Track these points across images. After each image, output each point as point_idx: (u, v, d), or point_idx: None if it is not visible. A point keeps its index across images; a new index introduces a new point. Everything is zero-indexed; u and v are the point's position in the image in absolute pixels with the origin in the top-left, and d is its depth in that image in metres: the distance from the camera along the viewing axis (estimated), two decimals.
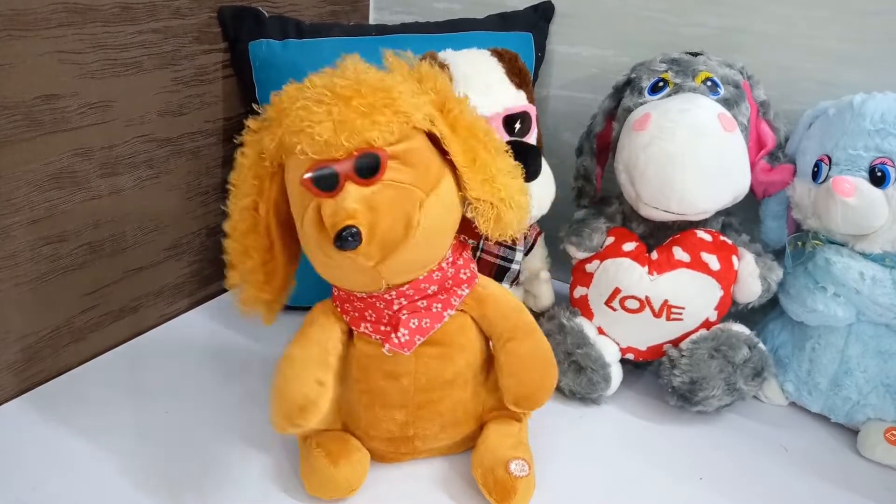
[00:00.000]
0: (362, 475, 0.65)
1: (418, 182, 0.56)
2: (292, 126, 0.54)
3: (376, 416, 0.66)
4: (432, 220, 0.56)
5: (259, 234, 0.60)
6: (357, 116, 0.53)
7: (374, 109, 0.53)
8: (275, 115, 0.57)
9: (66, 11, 0.72)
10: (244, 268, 0.61)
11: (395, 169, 0.55)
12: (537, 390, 0.66)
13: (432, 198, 0.56)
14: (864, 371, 0.75)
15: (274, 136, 0.56)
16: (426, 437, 0.67)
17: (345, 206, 0.52)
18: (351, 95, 0.54)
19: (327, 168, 0.53)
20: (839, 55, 0.84)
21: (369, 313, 0.62)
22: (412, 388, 0.64)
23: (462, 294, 0.64)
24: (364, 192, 0.53)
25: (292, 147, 0.54)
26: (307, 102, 0.54)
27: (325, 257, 0.56)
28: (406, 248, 0.55)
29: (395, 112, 0.54)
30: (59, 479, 0.65)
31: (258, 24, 0.90)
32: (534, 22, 0.98)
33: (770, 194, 0.81)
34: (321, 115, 0.53)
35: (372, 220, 0.53)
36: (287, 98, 0.57)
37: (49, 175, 0.74)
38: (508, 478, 0.63)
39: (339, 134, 0.52)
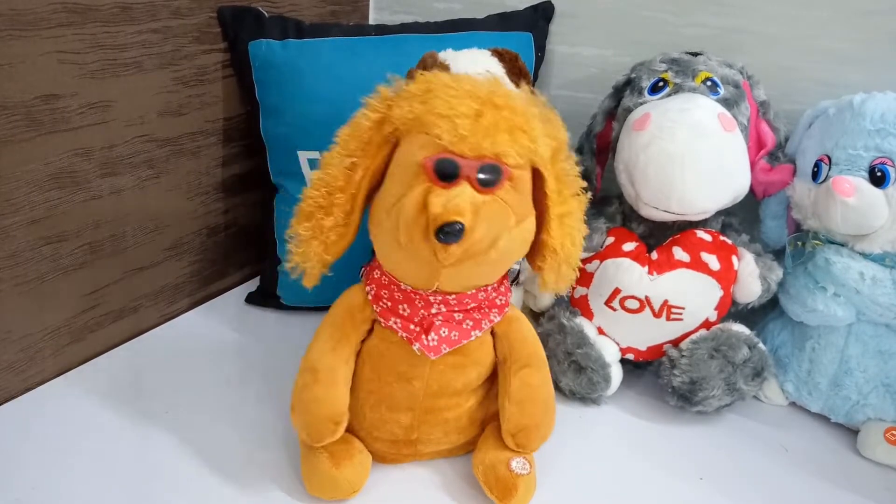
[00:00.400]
0: (364, 476, 0.65)
1: (517, 209, 0.58)
2: (439, 108, 0.55)
3: (382, 417, 0.66)
4: (511, 247, 0.58)
5: (346, 195, 0.60)
6: (504, 129, 0.55)
7: (516, 129, 0.55)
8: (419, 91, 0.57)
9: (66, 11, 0.72)
10: (322, 224, 0.60)
11: (507, 189, 0.56)
12: (537, 425, 0.66)
13: (520, 227, 0.58)
14: (864, 371, 0.75)
15: (412, 110, 0.57)
16: (429, 442, 0.68)
17: (458, 202, 0.53)
18: (503, 107, 0.55)
19: (455, 161, 0.54)
20: (839, 55, 0.84)
21: (403, 307, 0.62)
22: (422, 393, 0.65)
23: (493, 320, 0.65)
24: (476, 198, 0.54)
25: (429, 127, 0.55)
26: (460, 93, 0.55)
27: (403, 240, 0.56)
28: (480, 261, 0.57)
29: (531, 139, 0.56)
30: (59, 479, 0.65)
31: (258, 24, 0.90)
32: (534, 22, 0.98)
33: (770, 194, 0.81)
34: (470, 112, 0.54)
35: (471, 226, 0.54)
36: (437, 81, 0.57)
37: (49, 175, 0.74)
38: (510, 475, 0.63)
39: (483, 136, 0.54)
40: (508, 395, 0.65)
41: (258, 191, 0.99)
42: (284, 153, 0.90)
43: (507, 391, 0.66)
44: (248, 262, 1.04)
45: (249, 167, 0.98)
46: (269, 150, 0.92)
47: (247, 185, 0.99)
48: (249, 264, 1.04)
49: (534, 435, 0.66)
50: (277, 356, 0.85)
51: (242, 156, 0.97)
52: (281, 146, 0.91)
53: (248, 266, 1.04)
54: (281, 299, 0.94)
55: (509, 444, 0.66)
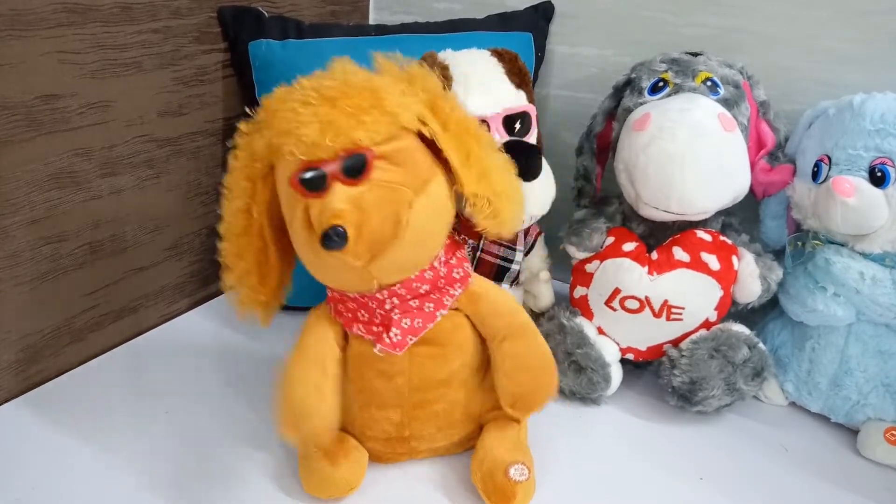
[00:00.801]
0: (360, 475, 0.65)
1: (407, 182, 0.56)
2: (280, 128, 0.54)
3: (372, 416, 0.66)
4: (422, 220, 0.57)
5: (252, 236, 0.60)
6: (343, 117, 0.53)
7: (359, 110, 0.54)
8: (264, 117, 0.57)
9: (66, 11, 0.72)
10: (239, 270, 0.61)
11: (383, 169, 0.55)
12: (533, 391, 0.65)
13: (422, 197, 0.56)
14: (864, 371, 0.75)
15: (264, 138, 0.56)
16: (423, 438, 0.67)
17: (331, 206, 0.52)
18: (337, 96, 0.54)
19: (315, 169, 0.53)
20: (839, 55, 0.84)
21: (362, 313, 0.62)
22: (406, 388, 0.64)
23: (455, 294, 0.63)
24: (351, 193, 0.53)
25: (281, 149, 0.54)
26: (294, 104, 0.54)
27: (315, 258, 0.57)
28: (396, 247, 0.55)
29: (382, 112, 0.55)
30: (59, 479, 0.65)
31: (258, 25, 0.90)
32: (534, 22, 0.98)
33: (770, 194, 0.81)
34: (308, 117, 0.53)
35: (360, 220, 0.53)
36: (276, 100, 0.57)
37: (49, 175, 0.74)
38: (508, 483, 0.63)
39: (325, 135, 0.53)
40: (497, 370, 0.65)
41: None
42: None
43: (495, 367, 0.66)
44: None
45: None
46: None
47: None
48: None
49: (532, 400, 0.66)
50: (277, 356, 0.85)
51: None
52: None
53: None
54: None
55: (511, 414, 0.66)
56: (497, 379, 0.65)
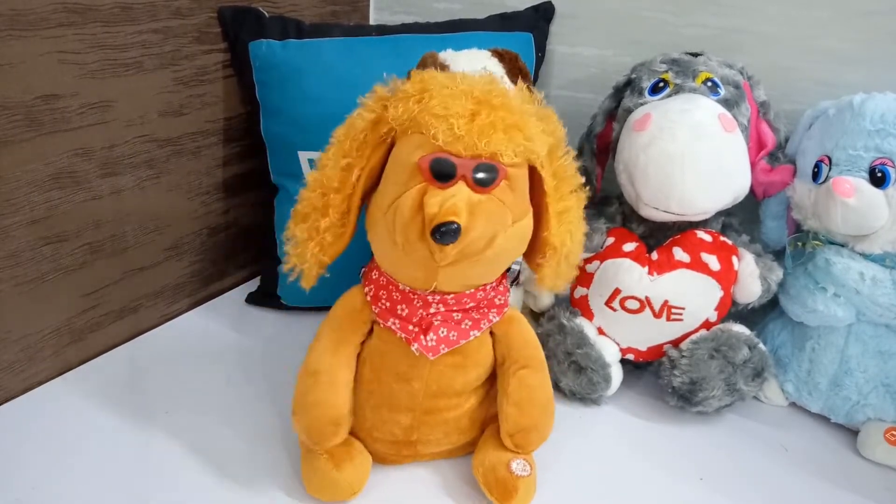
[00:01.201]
0: (364, 478, 0.65)
1: (514, 208, 0.57)
2: (435, 109, 0.55)
3: (382, 417, 0.66)
4: (508, 246, 0.58)
5: (343, 197, 0.59)
6: (500, 128, 0.55)
7: (512, 127, 0.55)
8: (415, 91, 0.57)
9: (66, 11, 0.72)
10: (318, 224, 0.60)
11: (503, 189, 0.56)
12: (535, 426, 0.66)
13: (516, 226, 0.58)
14: (864, 371, 0.75)
15: (407, 109, 0.56)
16: (429, 443, 0.68)
17: (454, 202, 0.53)
18: (499, 106, 0.55)
19: (451, 161, 0.54)
20: (839, 55, 0.84)
21: (402, 308, 0.62)
22: (422, 394, 0.64)
23: (492, 320, 0.64)
24: (472, 197, 0.54)
25: (425, 127, 0.55)
26: (455, 93, 0.55)
27: (400, 240, 0.56)
28: (477, 261, 0.57)
29: (527, 138, 0.56)
30: (59, 479, 0.65)
31: (258, 25, 0.90)
32: (534, 22, 0.98)
33: (770, 195, 0.81)
34: (466, 112, 0.54)
35: (467, 226, 0.53)
36: (433, 81, 0.57)
37: (49, 175, 0.74)
38: (510, 477, 0.63)
39: (478, 136, 0.54)
40: (507, 396, 0.65)
41: (258, 191, 0.99)
42: (285, 153, 0.90)
43: (505, 392, 0.66)
44: (248, 263, 1.04)
45: (249, 167, 0.98)
46: (270, 150, 0.92)
47: (247, 185, 0.99)
48: (249, 264, 1.04)
49: (532, 436, 0.66)
50: (277, 356, 0.85)
51: (242, 156, 0.97)
52: (281, 146, 0.91)
53: (248, 266, 1.04)
54: (281, 299, 0.93)
55: (508, 444, 0.66)
56: (505, 405, 0.65)
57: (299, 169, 0.89)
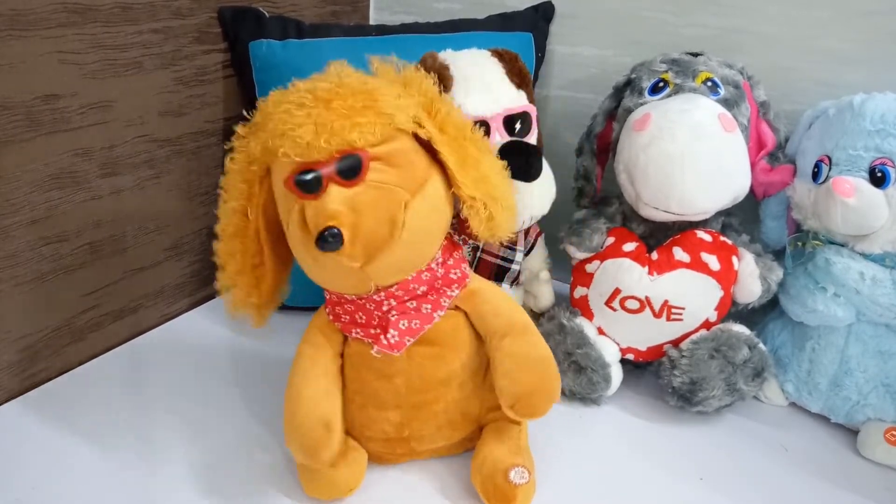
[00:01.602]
0: (360, 475, 0.65)
1: (403, 183, 0.56)
2: (275, 130, 0.55)
3: (370, 416, 0.66)
4: (418, 221, 0.57)
5: (248, 238, 0.60)
6: (337, 118, 0.53)
7: (354, 111, 0.54)
8: (260, 119, 0.58)
9: (66, 11, 0.72)
10: (232, 271, 0.61)
11: (378, 170, 0.55)
12: (534, 392, 0.63)
13: (418, 198, 0.57)
14: (864, 371, 0.75)
15: (259, 141, 0.57)
16: (422, 438, 0.67)
17: (326, 208, 0.53)
18: (331, 98, 0.54)
19: (310, 170, 0.53)
20: (839, 55, 0.84)
21: (359, 316, 0.62)
22: (405, 389, 0.64)
23: (452, 294, 0.63)
24: (347, 194, 0.54)
25: (276, 150, 0.55)
26: (289, 106, 0.55)
27: (311, 260, 0.57)
28: (391, 248, 0.56)
29: (377, 114, 0.55)
30: (59, 479, 0.65)
31: (258, 25, 0.90)
32: (534, 22, 0.98)
33: (770, 195, 0.81)
34: (302, 119, 0.53)
35: (355, 222, 0.53)
36: (271, 103, 0.57)
37: (49, 175, 0.74)
38: (508, 486, 0.62)
39: (320, 136, 0.53)
40: (496, 371, 0.63)
41: None
42: None
43: (494, 367, 0.64)
44: None
45: None
46: None
47: None
48: None
49: (534, 400, 0.62)
50: (277, 356, 0.85)
51: None
52: None
53: None
54: None
55: (512, 416, 0.63)
56: (496, 380, 0.64)
57: None
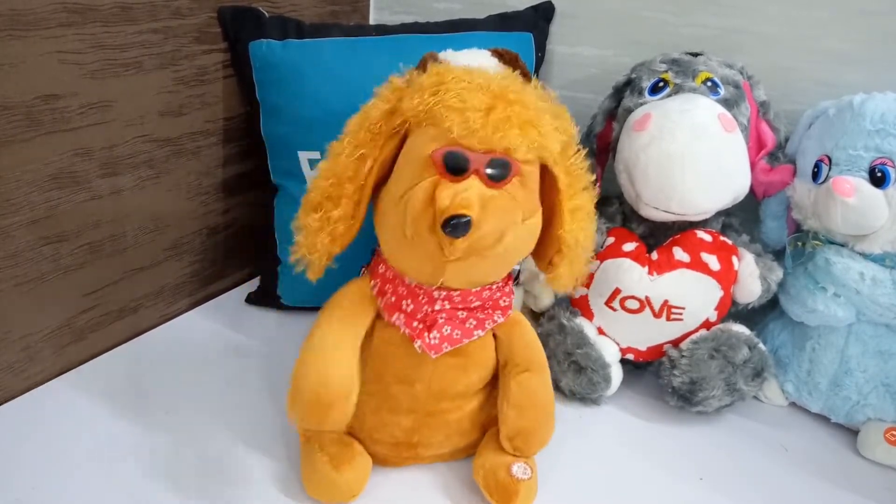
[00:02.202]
0: (364, 480, 0.65)
1: (525, 205, 0.57)
2: (451, 101, 0.55)
3: (383, 420, 0.66)
4: (517, 244, 0.58)
5: (356, 187, 0.59)
6: (515, 123, 0.54)
7: (527, 124, 0.55)
8: (431, 84, 0.57)
9: (66, 11, 0.72)
10: (330, 214, 0.59)
11: (515, 184, 0.56)
12: (535, 429, 0.65)
13: (527, 223, 0.58)
14: (864, 371, 0.75)
15: (423, 101, 0.56)
16: (430, 445, 0.67)
17: (466, 196, 0.53)
18: (515, 101, 0.55)
19: (465, 155, 0.54)
20: (839, 55, 0.84)
21: (407, 303, 0.62)
22: (423, 395, 0.64)
23: (497, 320, 0.64)
24: (484, 192, 0.54)
25: (439, 120, 0.55)
26: (471, 87, 0.55)
27: (410, 232, 0.56)
28: (487, 257, 0.56)
29: (540, 135, 0.56)
30: (59, 479, 0.65)
31: (258, 24, 0.90)
32: (534, 22, 0.98)
33: (770, 194, 0.81)
34: (482, 106, 0.54)
35: (478, 220, 0.53)
36: (450, 75, 0.57)
37: (49, 175, 0.74)
38: (510, 480, 0.63)
39: (493, 130, 0.54)
40: (507, 399, 0.65)
41: (258, 191, 0.99)
42: (285, 153, 0.90)
43: (506, 395, 0.65)
44: (248, 263, 1.04)
45: (249, 167, 0.98)
46: (270, 150, 0.92)
47: (247, 185, 0.99)
48: (249, 264, 1.04)
49: (532, 439, 0.65)
50: (277, 356, 0.85)
51: (242, 156, 0.97)
52: (281, 146, 0.91)
53: (248, 266, 1.04)
54: (281, 299, 0.93)
55: (507, 448, 0.65)
56: (504, 408, 0.65)
57: (299, 169, 0.89)
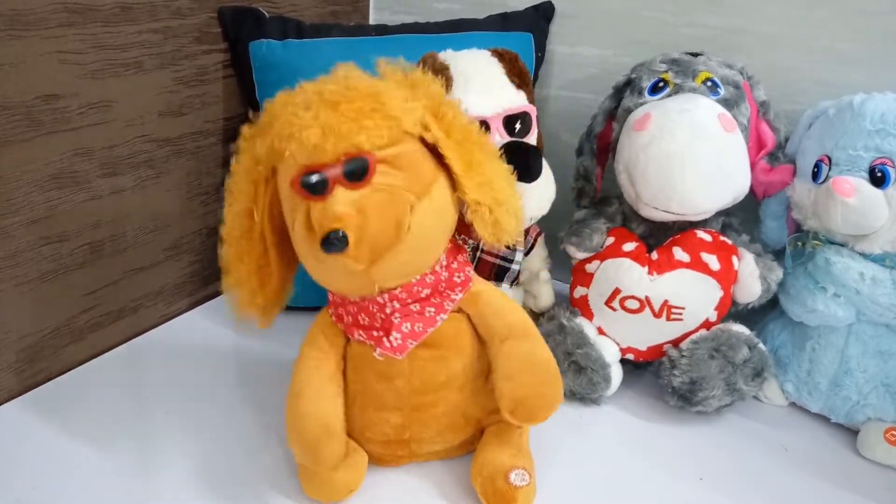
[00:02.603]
0: (360, 477, 0.65)
1: (409, 186, 0.56)
2: (282, 131, 0.55)
3: (370, 418, 0.66)
4: (424, 224, 0.57)
5: (253, 240, 0.60)
6: (344, 121, 0.53)
7: (361, 114, 0.54)
8: (266, 120, 0.58)
9: (66, 11, 0.72)
10: (238, 273, 0.61)
11: (384, 173, 0.55)
12: (534, 396, 0.62)
13: (424, 202, 0.57)
14: (864, 371, 0.75)
15: (265, 142, 0.57)
16: (422, 441, 0.67)
17: (332, 210, 0.53)
18: (338, 101, 0.54)
19: (316, 172, 0.53)
20: (839, 55, 0.84)
21: (362, 317, 0.62)
22: (406, 391, 0.64)
23: (455, 298, 0.63)
24: (353, 196, 0.54)
25: (282, 152, 0.55)
26: (296, 108, 0.55)
27: (315, 261, 0.57)
28: (397, 251, 0.55)
29: (384, 117, 0.55)
30: (59, 479, 0.65)
31: (258, 25, 0.90)
32: (534, 22, 0.98)
33: (770, 194, 0.81)
34: (309, 120, 0.53)
35: (360, 224, 0.53)
36: (278, 104, 0.57)
37: (49, 175, 0.74)
38: (508, 488, 0.62)
39: (327, 138, 0.53)
40: (497, 374, 0.63)
41: None
42: None
43: (496, 371, 0.64)
44: None
45: None
46: None
47: None
48: None
49: (534, 404, 0.62)
50: (277, 356, 0.85)
51: None
52: None
53: None
54: None
55: (511, 421, 0.63)
56: (497, 383, 0.63)
57: None
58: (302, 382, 0.63)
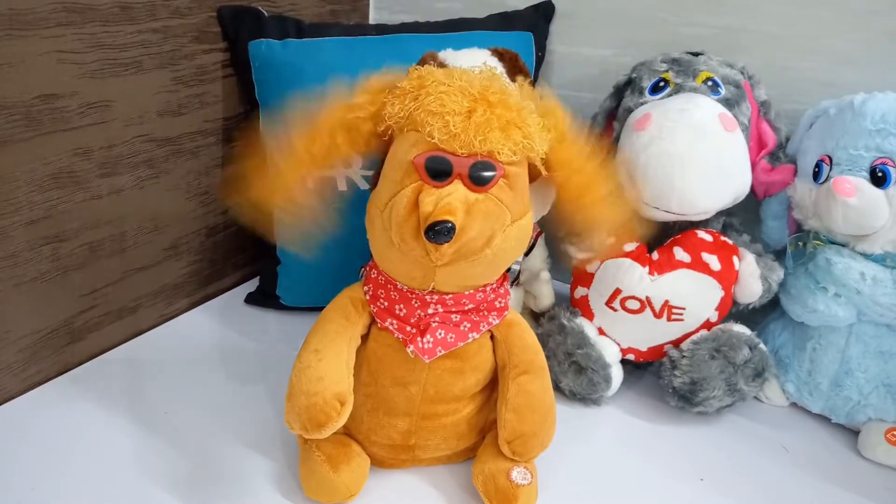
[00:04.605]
0: (361, 481, 0.65)
1: (512, 207, 0.57)
2: (430, 106, 0.54)
3: (380, 422, 0.65)
4: (506, 247, 0.58)
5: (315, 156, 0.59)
6: (495, 126, 0.54)
7: (511, 125, 0.55)
8: (411, 88, 0.57)
9: (66, 11, 0.72)
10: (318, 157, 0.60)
11: (500, 187, 0.56)
12: (534, 433, 0.64)
13: (515, 225, 0.58)
14: (865, 371, 0.75)
15: (404, 107, 0.56)
16: (427, 448, 0.67)
17: (449, 202, 0.53)
18: (497, 103, 0.55)
19: (447, 160, 0.54)
20: (839, 55, 0.83)
21: (400, 308, 0.62)
22: (419, 398, 0.64)
23: (492, 322, 0.64)
24: (468, 196, 0.54)
25: (421, 125, 0.55)
26: (451, 90, 0.55)
27: (396, 239, 0.56)
28: (475, 261, 0.56)
29: (525, 136, 0.56)
30: (59, 479, 0.65)
31: (258, 24, 0.89)
32: (534, 21, 0.98)
33: (771, 194, 0.81)
34: (462, 109, 0.54)
35: (464, 225, 0.53)
36: (431, 77, 0.57)
37: (49, 175, 0.74)
38: (510, 486, 0.62)
39: (475, 134, 0.53)
40: (506, 402, 0.64)
41: None
42: None
43: (504, 398, 0.64)
44: (247, 262, 1.04)
45: None
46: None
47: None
48: (249, 264, 1.04)
49: (530, 443, 0.64)
50: (277, 356, 0.85)
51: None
52: None
53: (247, 266, 1.04)
54: (280, 299, 0.93)
55: (506, 451, 0.64)
56: (503, 413, 0.64)
57: None
58: (322, 343, 0.61)
